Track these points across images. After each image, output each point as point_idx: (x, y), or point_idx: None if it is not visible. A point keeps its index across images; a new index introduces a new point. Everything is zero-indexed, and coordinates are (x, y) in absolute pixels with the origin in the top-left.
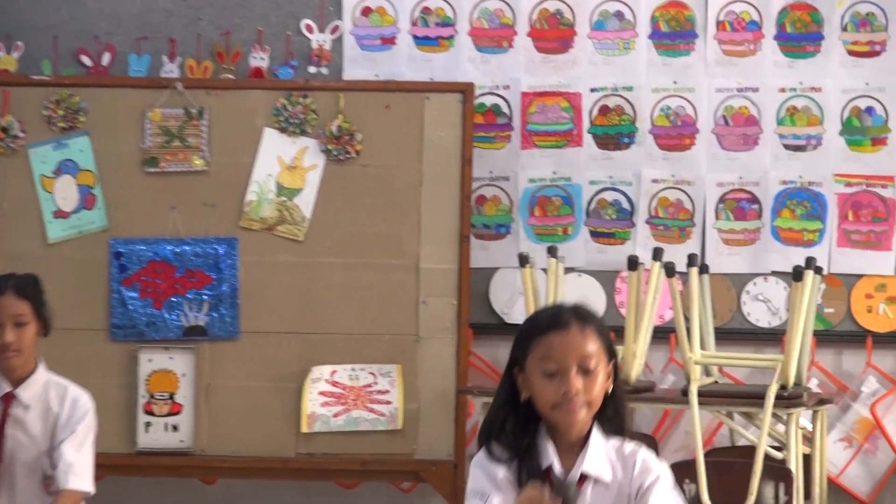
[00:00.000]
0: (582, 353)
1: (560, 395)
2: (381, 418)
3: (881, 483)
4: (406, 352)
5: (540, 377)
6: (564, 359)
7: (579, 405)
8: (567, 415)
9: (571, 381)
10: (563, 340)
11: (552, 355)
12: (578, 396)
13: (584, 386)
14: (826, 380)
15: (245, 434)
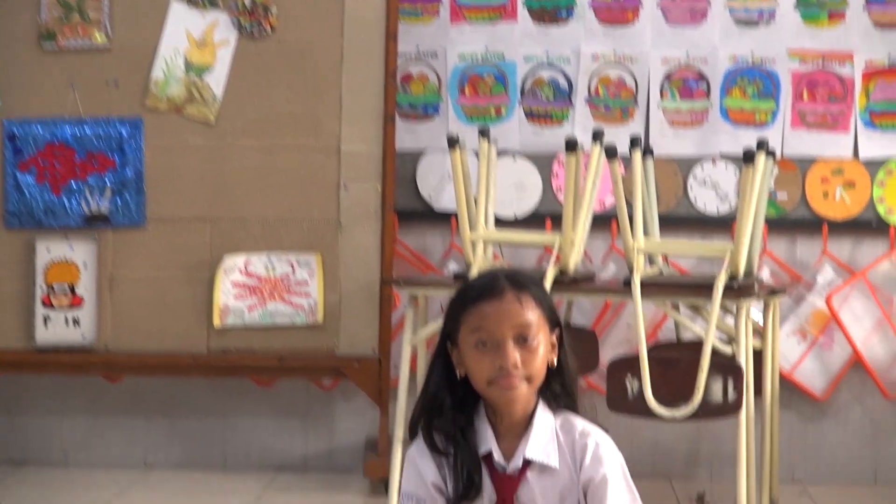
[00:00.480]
0: (518, 322)
1: (496, 370)
2: (299, 311)
3: (836, 379)
4: (326, 240)
5: (473, 351)
6: (499, 329)
7: (518, 380)
8: (505, 391)
9: (508, 354)
10: (497, 309)
11: (485, 326)
12: (516, 370)
13: (522, 359)
14: (778, 269)
15: (152, 329)
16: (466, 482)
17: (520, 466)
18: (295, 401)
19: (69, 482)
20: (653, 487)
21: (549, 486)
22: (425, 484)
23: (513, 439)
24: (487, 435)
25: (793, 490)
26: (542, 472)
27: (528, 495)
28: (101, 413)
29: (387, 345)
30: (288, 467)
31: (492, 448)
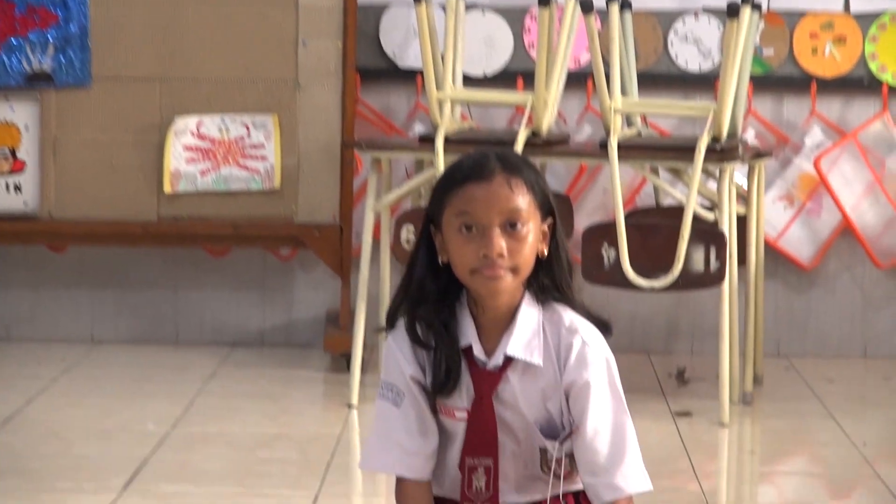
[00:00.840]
0: (507, 208)
1: (480, 258)
2: (255, 176)
3: (825, 247)
4: (284, 100)
5: (457, 236)
6: (485, 214)
7: (503, 270)
8: (488, 281)
9: (493, 241)
10: (485, 192)
11: (470, 209)
12: (502, 259)
13: (509, 247)
14: (764, 130)
15: (99, 195)
16: (444, 376)
17: (500, 363)
18: (251, 272)
19: (12, 358)
20: (630, 362)
21: (530, 385)
22: (403, 375)
23: (495, 334)
24: (469, 328)
25: (778, 364)
26: (525, 370)
27: (508, 393)
28: (46, 285)
29: (348, 212)
30: (244, 342)
31: (472, 342)
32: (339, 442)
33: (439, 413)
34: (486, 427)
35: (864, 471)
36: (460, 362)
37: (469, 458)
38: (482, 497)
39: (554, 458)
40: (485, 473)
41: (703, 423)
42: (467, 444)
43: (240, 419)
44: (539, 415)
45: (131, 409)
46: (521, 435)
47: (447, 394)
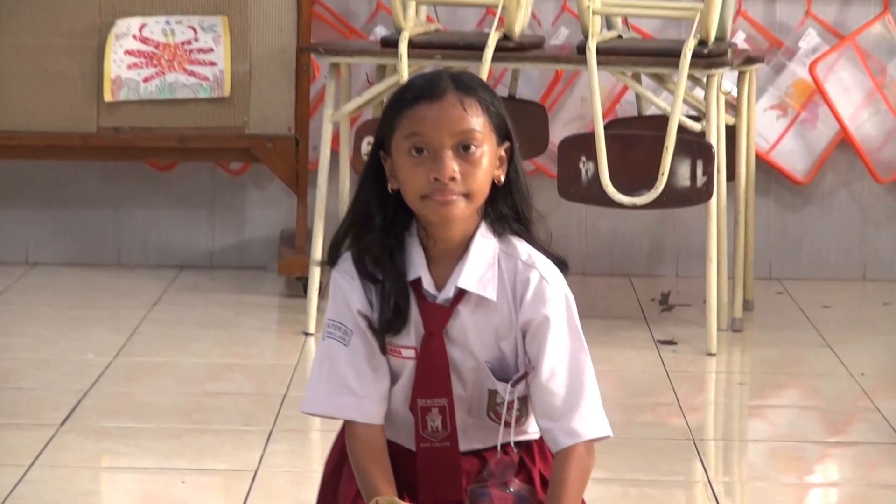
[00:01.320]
0: (460, 129)
1: (430, 182)
2: (203, 83)
3: (820, 160)
4: (234, 0)
5: (407, 159)
6: (436, 135)
7: (455, 195)
8: (440, 207)
9: (445, 164)
10: (437, 112)
11: (421, 130)
12: (454, 183)
13: (462, 171)
14: (755, 33)
15: (34, 104)
16: (392, 312)
17: (451, 297)
18: (199, 188)
19: None
20: (610, 286)
21: (483, 321)
22: (351, 311)
23: (446, 266)
24: (418, 259)
25: (770, 288)
26: (478, 304)
27: (458, 330)
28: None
29: (304, 122)
30: (192, 265)
31: (421, 274)
32: (295, 373)
33: (387, 353)
34: (438, 365)
35: (862, 403)
36: (409, 296)
37: (421, 400)
38: (439, 436)
39: (505, 401)
40: (439, 413)
41: (688, 352)
42: (418, 385)
43: (188, 348)
44: (491, 355)
45: (70, 337)
46: (468, 377)
47: (396, 331)
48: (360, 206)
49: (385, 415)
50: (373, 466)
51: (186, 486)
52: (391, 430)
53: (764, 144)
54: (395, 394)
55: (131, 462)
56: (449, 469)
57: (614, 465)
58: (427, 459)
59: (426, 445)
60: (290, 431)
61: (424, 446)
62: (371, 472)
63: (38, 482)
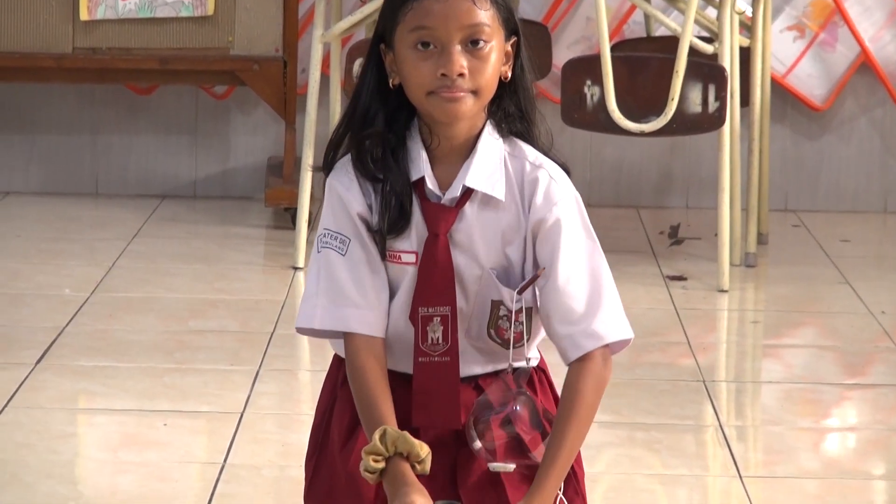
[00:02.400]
0: (468, 23)
1: (438, 78)
2: (185, 1)
3: (840, 85)
4: None
5: (412, 53)
6: (444, 28)
7: (463, 92)
8: (447, 104)
9: (453, 59)
10: (444, 5)
11: (428, 24)
12: (462, 79)
13: (470, 67)
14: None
15: (4, 23)
16: (394, 212)
17: (458, 196)
18: (181, 113)
19: None
20: (617, 217)
21: (490, 223)
22: (349, 215)
23: (451, 166)
24: (420, 158)
25: (785, 220)
26: (485, 205)
27: (463, 233)
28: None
29: (293, 43)
30: (174, 194)
31: (425, 174)
32: (283, 309)
33: (386, 259)
34: (442, 269)
35: (882, 343)
36: (412, 194)
37: (422, 308)
38: (439, 349)
39: (512, 312)
40: (441, 323)
41: (699, 288)
42: (419, 291)
43: (169, 284)
44: (496, 262)
45: (45, 271)
46: (471, 287)
47: (398, 231)
48: (359, 103)
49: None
50: (375, 387)
51: (168, 429)
52: (390, 354)
53: (780, 68)
54: (393, 307)
55: (110, 403)
56: (447, 388)
57: (620, 407)
58: (425, 376)
59: (425, 360)
60: (277, 371)
61: (423, 360)
62: (374, 394)
63: (12, 424)
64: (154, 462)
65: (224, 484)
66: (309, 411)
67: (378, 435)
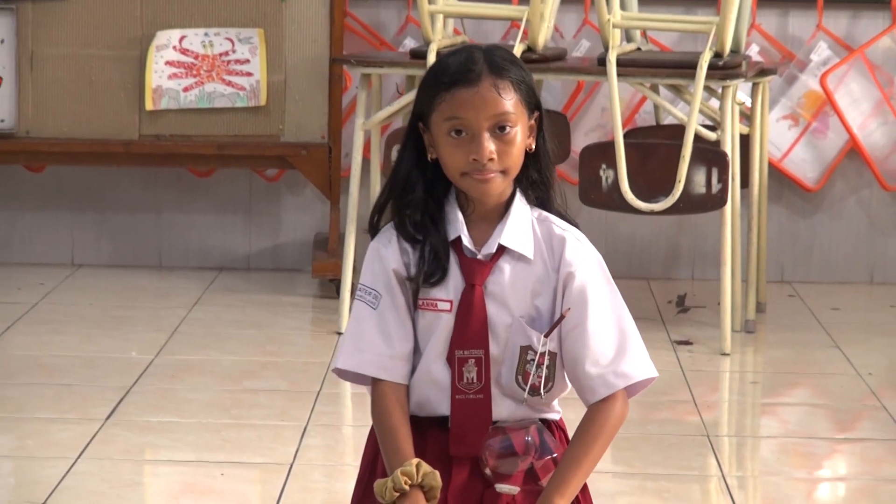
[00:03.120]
0: (495, 112)
1: (469, 162)
2: (240, 93)
3: (830, 168)
4: (269, 13)
5: (446, 139)
6: (475, 119)
7: (493, 173)
8: (479, 184)
9: (483, 146)
10: (473, 97)
11: (460, 115)
12: (492, 163)
13: (498, 150)
14: (769, 46)
15: (78, 112)
16: (432, 265)
17: (493, 252)
18: (236, 194)
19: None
20: (628, 288)
21: (521, 278)
22: (386, 272)
23: (485, 227)
24: (458, 221)
25: (781, 291)
26: (517, 261)
27: (496, 285)
28: (23, 207)
29: (337, 130)
30: (230, 266)
31: (461, 234)
32: (328, 371)
33: (420, 308)
34: (477, 316)
35: (870, 401)
36: (448, 249)
37: (459, 351)
38: (473, 388)
39: (537, 354)
40: (475, 364)
41: (704, 352)
42: (456, 336)
43: (226, 347)
44: (525, 311)
45: (114, 336)
46: (502, 334)
47: (434, 283)
48: (400, 174)
49: (418, 378)
50: (399, 427)
51: (225, 479)
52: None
53: (776, 153)
54: (428, 350)
55: (172, 455)
56: (481, 420)
57: (633, 459)
58: (461, 411)
59: (461, 397)
60: (324, 427)
61: (459, 398)
62: (398, 434)
63: (84, 474)
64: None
65: None
66: (353, 462)
67: (415, 462)
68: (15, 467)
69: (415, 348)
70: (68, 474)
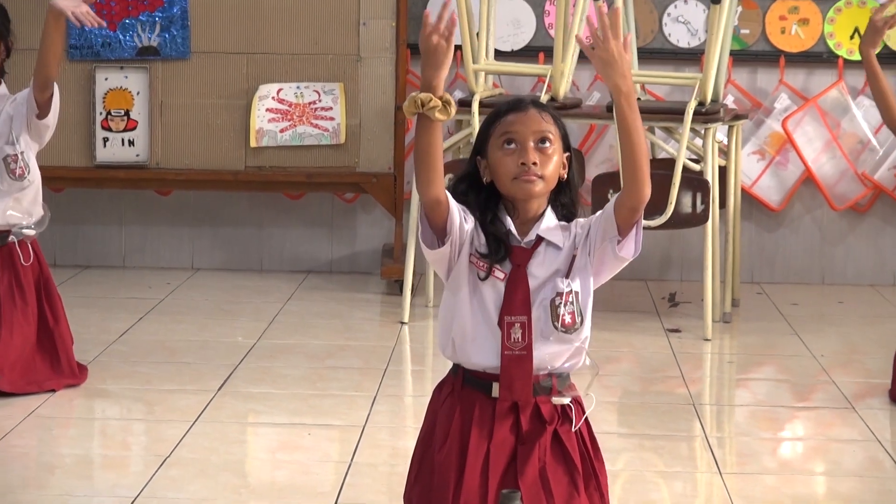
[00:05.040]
0: (539, 129)
1: (518, 166)
2: (325, 133)
3: (790, 192)
4: (348, 71)
5: (500, 152)
6: (524, 130)
7: (535, 176)
8: (525, 184)
9: (529, 152)
10: (522, 118)
11: (512, 129)
12: (535, 167)
13: (539, 160)
14: (741, 97)
15: (197, 149)
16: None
17: (533, 240)
18: (321, 212)
19: (127, 282)
20: (630, 288)
21: (550, 260)
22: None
23: (526, 231)
24: (507, 221)
25: (751, 290)
26: (548, 248)
27: (536, 266)
28: (154, 222)
29: (401, 163)
30: (316, 270)
31: (510, 227)
32: (393, 352)
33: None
34: (522, 290)
35: (822, 377)
36: (508, 237)
37: (507, 316)
38: (519, 346)
39: (563, 293)
40: (520, 328)
41: (690, 338)
42: (506, 305)
43: (312, 333)
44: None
45: (224, 325)
46: (538, 300)
47: (499, 261)
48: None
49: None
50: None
51: (312, 438)
52: (478, 351)
53: (747, 180)
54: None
55: (271, 419)
56: (524, 371)
57: (634, 423)
58: (509, 365)
59: (509, 353)
60: (390, 396)
61: (507, 353)
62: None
63: (201, 434)
64: (301, 461)
65: (351, 476)
66: (413, 425)
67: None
68: (146, 427)
69: (470, 312)
70: (188, 434)
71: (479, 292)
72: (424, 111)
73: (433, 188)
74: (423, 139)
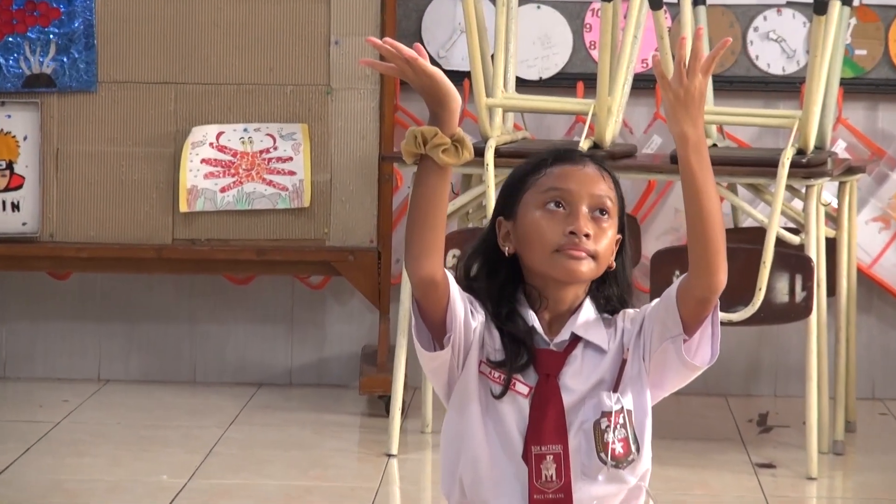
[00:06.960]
0: (597, 191)
1: (565, 235)
2: (282, 193)
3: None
4: (314, 107)
5: (540, 213)
6: (577, 191)
7: (587, 251)
8: (569, 261)
9: (581, 218)
10: (580, 172)
11: (561, 185)
12: (588, 241)
13: (594, 232)
14: (856, 142)
15: (107, 215)
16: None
17: (567, 341)
18: (278, 302)
19: (10, 399)
20: (706, 406)
21: (590, 368)
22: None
23: (556, 328)
24: (529, 315)
25: (873, 409)
26: (589, 349)
27: (571, 376)
28: (46, 317)
29: (387, 234)
30: (270, 382)
31: (534, 323)
32: (377, 497)
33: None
34: (555, 409)
35: None
36: (532, 336)
37: (535, 447)
38: (553, 486)
39: (612, 412)
40: (554, 461)
41: (788, 476)
42: (532, 430)
43: (266, 470)
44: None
45: (143, 458)
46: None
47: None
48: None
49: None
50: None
51: None
52: (497, 496)
53: (866, 258)
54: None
55: None
56: None
57: None
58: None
59: (540, 497)
60: None
61: (538, 497)
62: None
63: None
64: None
65: None
66: None
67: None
68: None
69: (484, 440)
70: None
71: (494, 412)
72: (427, 151)
73: (428, 262)
74: (421, 190)
